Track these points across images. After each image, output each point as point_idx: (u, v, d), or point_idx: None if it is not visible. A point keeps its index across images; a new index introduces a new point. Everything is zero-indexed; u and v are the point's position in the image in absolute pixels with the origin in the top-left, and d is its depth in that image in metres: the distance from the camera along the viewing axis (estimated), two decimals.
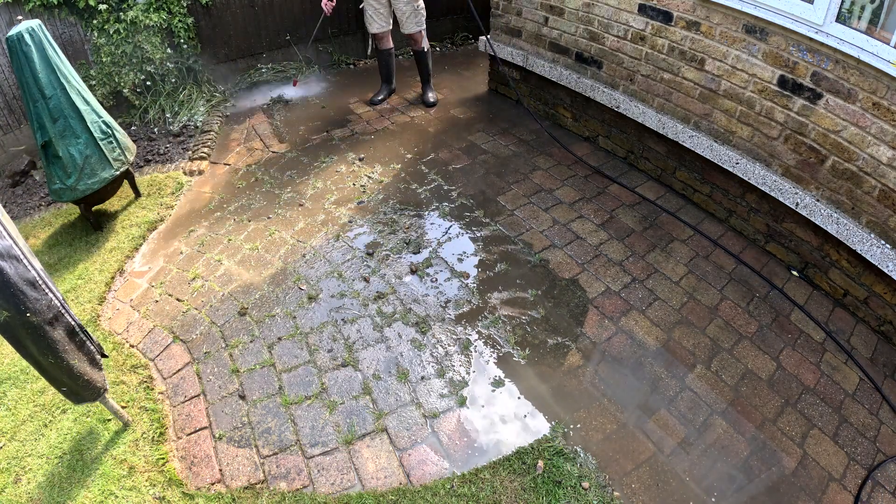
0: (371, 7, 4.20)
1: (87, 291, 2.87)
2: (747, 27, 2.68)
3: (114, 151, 3.18)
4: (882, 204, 2.40)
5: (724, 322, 2.64)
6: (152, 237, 3.26)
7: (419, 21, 4.21)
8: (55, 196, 3.10)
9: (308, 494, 2.00)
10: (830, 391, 2.37)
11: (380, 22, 4.24)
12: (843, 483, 2.06)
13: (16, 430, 2.24)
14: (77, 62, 4.16)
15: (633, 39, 3.28)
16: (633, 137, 3.64)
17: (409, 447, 2.14)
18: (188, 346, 2.56)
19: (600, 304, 2.72)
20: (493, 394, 2.33)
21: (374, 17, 4.23)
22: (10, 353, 2.55)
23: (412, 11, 4.14)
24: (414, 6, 4.13)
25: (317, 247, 3.07)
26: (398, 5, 4.12)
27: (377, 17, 4.22)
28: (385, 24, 4.25)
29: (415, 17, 4.17)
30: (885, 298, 2.57)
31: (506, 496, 1.98)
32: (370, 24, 4.27)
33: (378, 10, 4.20)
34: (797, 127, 2.63)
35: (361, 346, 2.51)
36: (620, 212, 3.30)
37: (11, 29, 2.77)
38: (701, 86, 3.00)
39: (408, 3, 4.11)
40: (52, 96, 2.87)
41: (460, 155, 3.86)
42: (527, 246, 3.05)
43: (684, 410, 2.27)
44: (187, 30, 4.43)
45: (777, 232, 2.99)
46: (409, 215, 3.29)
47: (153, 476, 2.07)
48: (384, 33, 4.32)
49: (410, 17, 4.16)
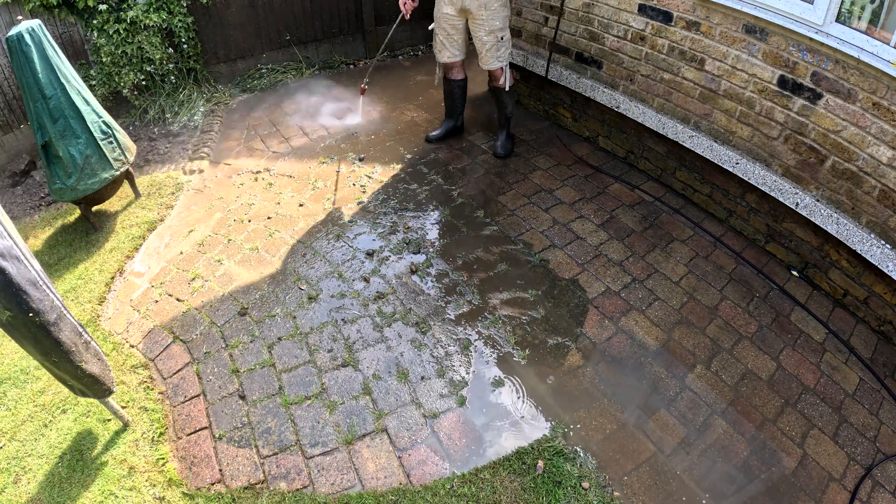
0: (443, 32, 3.51)
1: (87, 291, 2.87)
2: (747, 27, 2.68)
3: (114, 151, 3.18)
4: (882, 204, 2.40)
5: (724, 322, 2.64)
6: (152, 237, 3.26)
7: (502, 55, 3.50)
8: (55, 196, 3.10)
9: (308, 494, 2.00)
10: (830, 391, 2.37)
11: (452, 50, 3.58)
12: (843, 483, 2.06)
13: (16, 430, 2.24)
14: (77, 62, 4.17)
15: (633, 39, 3.28)
16: (633, 137, 3.64)
17: (409, 447, 2.14)
18: (188, 346, 2.56)
19: (600, 304, 2.72)
20: (493, 394, 2.33)
21: (446, 44, 3.56)
22: (10, 353, 2.56)
23: (494, 43, 3.42)
24: (497, 37, 3.40)
25: (317, 247, 3.07)
26: (478, 34, 3.40)
27: (449, 43, 3.55)
28: (458, 52, 3.60)
29: (496, 51, 3.46)
30: (885, 298, 2.57)
31: (506, 496, 1.98)
32: (440, 51, 3.63)
33: (451, 35, 3.50)
34: (797, 127, 2.63)
35: (361, 346, 2.51)
36: (620, 212, 3.30)
37: (11, 29, 2.77)
38: (701, 86, 3.00)
39: (490, 33, 3.37)
40: (52, 96, 2.87)
41: (460, 155, 3.86)
42: (527, 246, 3.05)
43: (684, 410, 2.27)
44: (187, 30, 4.43)
45: (777, 232, 2.99)
46: (410, 215, 3.29)
47: (153, 476, 2.07)
48: (457, 63, 3.67)
49: (492, 49, 3.44)
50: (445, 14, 3.42)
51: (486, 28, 3.35)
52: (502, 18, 3.36)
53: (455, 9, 3.37)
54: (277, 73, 5.08)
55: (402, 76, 5.11)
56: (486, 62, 3.52)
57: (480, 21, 3.33)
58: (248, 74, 5.05)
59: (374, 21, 5.40)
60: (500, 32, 3.39)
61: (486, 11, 3.29)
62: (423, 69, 5.18)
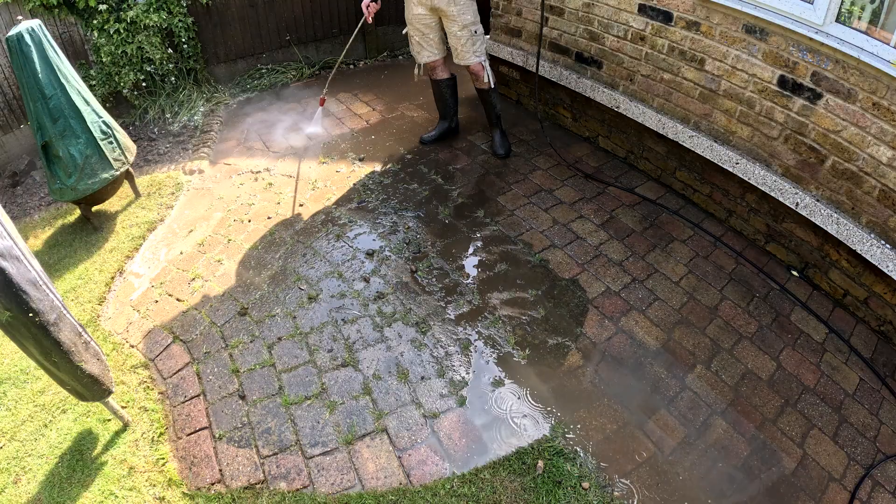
0: (417, 33, 3.50)
1: (87, 291, 2.87)
2: (747, 27, 2.68)
3: (114, 151, 3.18)
4: (882, 204, 2.40)
5: (724, 322, 2.64)
6: (152, 237, 3.26)
7: (478, 50, 3.45)
8: (55, 196, 3.10)
9: (308, 494, 2.00)
10: (830, 391, 2.37)
11: (430, 49, 3.54)
12: (843, 483, 2.06)
13: (16, 430, 2.24)
14: (77, 62, 4.17)
15: (633, 39, 3.28)
16: (633, 137, 3.64)
17: (409, 447, 2.14)
18: (188, 346, 2.56)
19: (600, 304, 2.72)
20: (493, 394, 2.33)
21: (423, 45, 3.54)
22: (10, 354, 2.56)
23: (469, 37, 3.38)
24: (471, 31, 3.37)
25: (317, 247, 3.07)
26: (451, 29, 3.39)
27: (426, 43, 3.52)
28: (436, 51, 3.56)
29: (472, 45, 3.42)
30: (885, 298, 2.57)
31: (506, 496, 1.98)
32: (418, 53, 3.60)
33: (426, 35, 3.49)
34: (797, 127, 2.63)
35: (361, 346, 2.51)
36: (620, 212, 3.30)
37: (11, 29, 2.77)
38: (701, 86, 3.00)
39: (463, 28, 3.34)
40: (52, 96, 2.87)
41: (460, 155, 3.86)
42: (527, 246, 3.05)
43: (684, 410, 2.27)
44: (187, 30, 4.43)
45: (777, 232, 2.99)
46: (409, 215, 3.29)
47: (153, 476, 2.07)
48: (437, 62, 3.62)
49: (467, 44, 3.41)
50: (417, 15, 3.44)
51: (459, 23, 3.35)
52: (473, 12, 3.36)
53: (425, 8, 3.39)
54: (277, 73, 5.09)
55: (401, 76, 5.11)
56: (463, 58, 3.49)
57: (452, 17, 3.33)
58: (248, 74, 5.05)
59: (375, 21, 5.40)
60: (472, 26, 3.38)
61: (455, 7, 3.30)
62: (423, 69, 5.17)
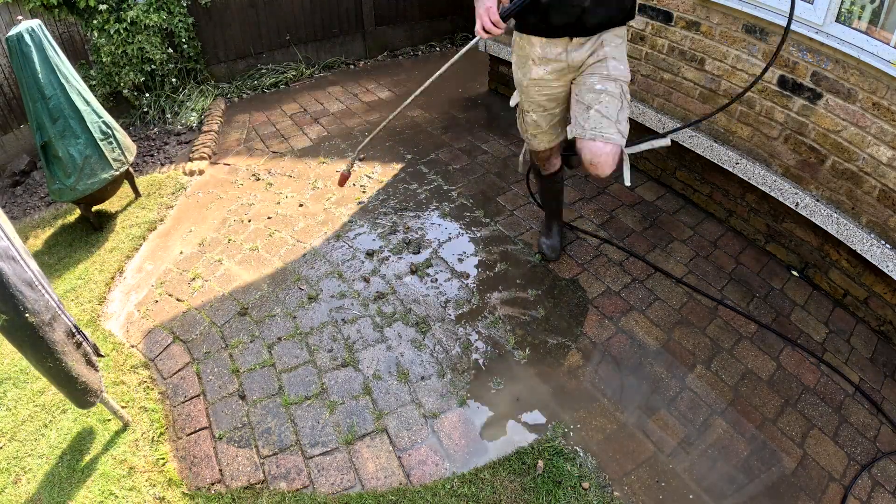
0: (537, 108, 2.30)
1: (87, 291, 2.87)
2: (747, 27, 2.68)
3: (114, 152, 3.18)
4: (882, 204, 2.40)
5: (723, 322, 2.64)
6: (152, 237, 3.26)
7: (622, 122, 2.13)
8: (55, 196, 3.10)
9: (308, 494, 2.00)
10: (830, 391, 2.37)
11: (553, 132, 2.41)
12: (843, 483, 2.06)
13: (16, 430, 2.24)
14: (77, 62, 4.17)
15: (632, 39, 3.28)
16: (633, 137, 3.64)
17: (409, 447, 2.14)
18: (188, 346, 2.56)
19: (600, 304, 2.72)
20: (492, 394, 2.33)
21: (541, 124, 2.36)
22: (10, 353, 2.56)
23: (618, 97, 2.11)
24: (622, 88, 2.11)
25: (317, 247, 3.07)
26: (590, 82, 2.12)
27: (546, 122, 2.35)
28: (560, 131, 2.42)
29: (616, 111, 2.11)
30: (885, 298, 2.56)
31: (506, 496, 1.98)
32: (534, 136, 2.42)
33: (550, 110, 2.31)
34: (797, 127, 2.63)
35: (361, 346, 2.51)
36: (620, 212, 3.30)
37: (11, 29, 2.77)
38: (701, 86, 3.00)
39: (613, 81, 2.09)
40: (51, 96, 2.87)
41: (460, 155, 3.86)
42: (527, 246, 3.05)
43: (684, 410, 2.27)
44: (187, 30, 4.43)
45: (777, 232, 2.99)
46: (410, 215, 3.29)
47: (153, 476, 2.07)
48: (554, 149, 2.49)
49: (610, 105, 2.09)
50: (539, 80, 2.22)
51: (605, 72, 2.08)
52: (626, 61, 2.13)
53: (555, 70, 2.17)
54: (277, 73, 5.09)
55: (401, 76, 5.11)
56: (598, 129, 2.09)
57: (598, 61, 2.09)
58: (248, 74, 5.06)
59: (374, 21, 5.41)
60: (624, 81, 2.11)
61: (609, 46, 2.08)
62: (424, 69, 5.17)
